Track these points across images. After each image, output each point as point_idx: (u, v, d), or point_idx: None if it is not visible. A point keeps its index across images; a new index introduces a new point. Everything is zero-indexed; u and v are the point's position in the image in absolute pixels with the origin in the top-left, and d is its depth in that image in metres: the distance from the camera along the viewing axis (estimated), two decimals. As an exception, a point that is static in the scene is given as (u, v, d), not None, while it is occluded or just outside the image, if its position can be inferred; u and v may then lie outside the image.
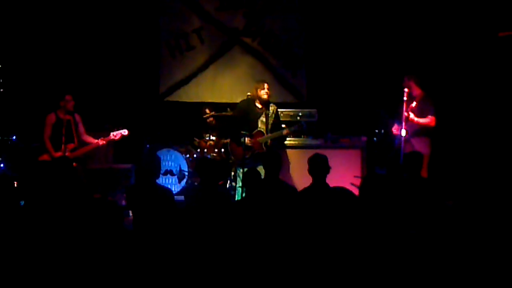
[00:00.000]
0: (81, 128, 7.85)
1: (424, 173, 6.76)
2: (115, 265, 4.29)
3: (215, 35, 10.11)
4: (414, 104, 7.30)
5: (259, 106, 7.48)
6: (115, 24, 9.78)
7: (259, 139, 7.39)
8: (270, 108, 7.52)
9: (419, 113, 7.31)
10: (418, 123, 7.29)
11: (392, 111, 7.65)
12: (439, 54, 8.96)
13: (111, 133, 7.76)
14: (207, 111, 9.02)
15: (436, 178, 7.00)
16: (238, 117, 7.59)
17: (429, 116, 7.35)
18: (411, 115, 7.24)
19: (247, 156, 7.33)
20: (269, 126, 7.45)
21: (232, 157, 7.59)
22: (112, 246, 4.54)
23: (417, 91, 7.46)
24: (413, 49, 9.09)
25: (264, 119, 7.45)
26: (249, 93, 7.59)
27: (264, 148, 7.37)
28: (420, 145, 7.22)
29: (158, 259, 4.46)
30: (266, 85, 7.49)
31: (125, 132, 7.74)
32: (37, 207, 5.13)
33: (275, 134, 7.42)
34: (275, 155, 6.12)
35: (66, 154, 7.60)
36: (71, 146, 7.69)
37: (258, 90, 7.45)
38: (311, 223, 4.63)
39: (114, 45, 9.80)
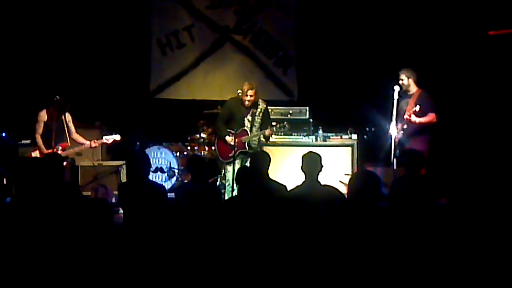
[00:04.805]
0: (72, 127, 7.89)
1: (422, 172, 6.64)
2: (102, 261, 4.28)
3: (206, 33, 10.09)
4: (418, 108, 7.06)
5: (246, 105, 7.43)
6: (106, 21, 9.75)
7: (243, 138, 7.38)
8: (258, 106, 7.48)
9: (419, 111, 7.10)
10: (420, 123, 7.12)
11: (383, 109, 7.65)
12: (429, 52, 8.98)
13: (104, 137, 7.88)
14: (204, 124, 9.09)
15: (433, 175, 6.93)
16: (225, 115, 7.59)
17: (430, 114, 7.18)
18: (413, 117, 7.07)
19: (230, 155, 7.34)
20: (256, 125, 7.42)
21: (218, 155, 7.62)
22: (101, 243, 4.52)
23: (414, 88, 7.30)
24: (403, 48, 9.10)
25: (250, 118, 7.44)
26: (239, 91, 7.55)
27: (247, 147, 7.37)
28: (419, 143, 7.05)
29: (148, 256, 4.45)
30: (250, 92, 7.30)
31: (118, 137, 7.88)
32: (25, 204, 5.10)
33: (257, 133, 7.40)
34: (261, 154, 6.11)
35: (60, 153, 7.64)
36: (65, 145, 7.75)
37: (243, 95, 7.39)
38: (302, 220, 4.63)
39: (105, 42, 9.77)
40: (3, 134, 8.34)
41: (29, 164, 7.47)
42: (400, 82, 7.30)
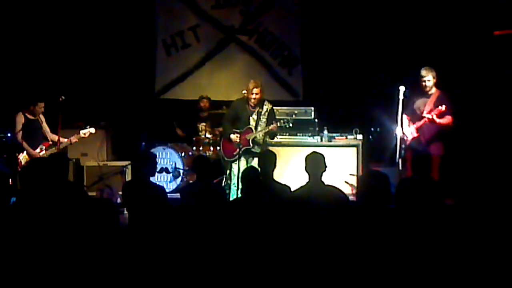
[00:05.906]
0: (47, 128, 8.01)
1: (436, 175, 6.61)
2: (109, 263, 4.28)
3: (211, 33, 10.10)
4: (443, 107, 6.99)
5: (252, 104, 7.47)
6: (111, 21, 9.76)
7: (247, 135, 7.41)
8: (264, 106, 7.51)
9: (445, 111, 7.05)
10: (439, 124, 7.08)
11: (388, 110, 7.63)
12: (435, 53, 8.95)
13: (81, 131, 7.98)
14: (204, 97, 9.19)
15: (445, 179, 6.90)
16: (230, 115, 7.65)
17: (447, 116, 7.12)
18: (434, 117, 7.01)
19: (235, 153, 7.38)
20: (262, 124, 7.44)
21: (222, 154, 7.64)
22: (107, 244, 4.52)
23: (433, 89, 7.24)
24: (408, 48, 9.09)
25: (255, 117, 7.47)
26: (244, 91, 7.58)
27: (251, 144, 7.38)
28: (435, 148, 7.09)
29: (153, 257, 4.45)
30: (256, 90, 7.37)
31: (92, 130, 8.06)
32: (30, 204, 5.11)
33: (262, 130, 7.42)
34: (269, 154, 6.11)
35: (44, 152, 7.83)
36: (47, 144, 7.85)
37: (248, 93, 7.43)
38: (306, 221, 4.62)
39: (110, 43, 9.79)
40: (9, 134, 8.36)
41: (34, 164, 7.49)
42: (427, 82, 7.19)
